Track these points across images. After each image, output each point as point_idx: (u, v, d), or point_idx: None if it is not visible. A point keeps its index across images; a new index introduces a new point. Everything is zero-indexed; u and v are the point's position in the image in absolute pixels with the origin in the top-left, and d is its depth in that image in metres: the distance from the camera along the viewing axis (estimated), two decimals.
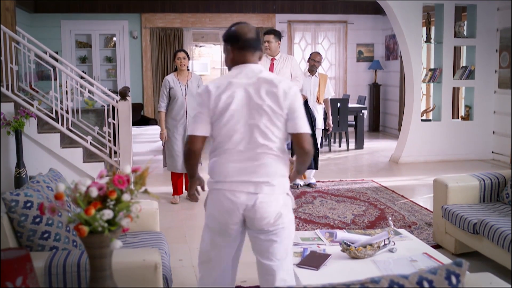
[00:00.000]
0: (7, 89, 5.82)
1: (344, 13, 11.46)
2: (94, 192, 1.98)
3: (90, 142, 6.11)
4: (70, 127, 6.31)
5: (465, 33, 8.19)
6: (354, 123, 9.53)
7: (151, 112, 11.12)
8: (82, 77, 7.32)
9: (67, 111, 6.20)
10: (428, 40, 8.42)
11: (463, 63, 8.83)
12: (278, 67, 5.92)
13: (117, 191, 2.01)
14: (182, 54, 5.73)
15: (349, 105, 9.43)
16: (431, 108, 8.45)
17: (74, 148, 6.00)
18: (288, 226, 2.51)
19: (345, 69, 11.73)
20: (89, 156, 6.16)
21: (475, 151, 8.26)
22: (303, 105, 2.60)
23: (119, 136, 6.05)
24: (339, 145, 9.66)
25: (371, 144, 9.91)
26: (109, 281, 2.08)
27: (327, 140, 9.22)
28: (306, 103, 6.12)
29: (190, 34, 11.13)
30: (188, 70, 5.83)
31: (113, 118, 6.17)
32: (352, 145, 9.42)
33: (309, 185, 6.48)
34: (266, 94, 2.45)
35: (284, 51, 10.58)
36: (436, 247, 4.00)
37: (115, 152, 6.29)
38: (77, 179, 2.06)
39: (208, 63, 14.62)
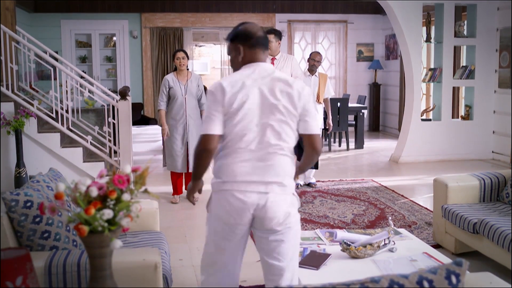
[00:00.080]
0: (7, 89, 5.82)
1: (344, 13, 11.45)
2: (94, 192, 1.98)
3: (90, 142, 6.11)
4: (70, 127, 6.31)
5: (465, 33, 8.18)
6: (354, 123, 9.52)
7: (151, 112, 11.12)
8: (82, 77, 7.32)
9: (67, 111, 6.20)
10: (428, 40, 8.42)
11: (463, 63, 8.83)
12: (279, 67, 5.92)
13: (117, 191, 2.01)
14: (182, 54, 5.72)
15: (349, 105, 9.42)
16: (431, 108, 8.45)
17: (74, 148, 6.00)
18: (295, 226, 2.51)
19: (345, 69, 11.72)
20: (89, 156, 6.16)
21: (475, 151, 8.25)
22: None
23: (119, 136, 6.05)
24: (339, 145, 9.66)
25: (371, 144, 9.91)
26: (109, 281, 2.08)
27: (327, 140, 9.21)
28: None
29: (190, 34, 11.12)
30: (188, 70, 5.83)
31: (113, 118, 6.17)
32: (352, 145, 9.42)
33: (309, 185, 6.48)
34: (281, 94, 2.43)
35: (284, 51, 10.57)
36: (436, 247, 4.00)
37: (115, 152, 6.29)
38: (77, 179, 2.05)
39: (208, 63, 14.63)
